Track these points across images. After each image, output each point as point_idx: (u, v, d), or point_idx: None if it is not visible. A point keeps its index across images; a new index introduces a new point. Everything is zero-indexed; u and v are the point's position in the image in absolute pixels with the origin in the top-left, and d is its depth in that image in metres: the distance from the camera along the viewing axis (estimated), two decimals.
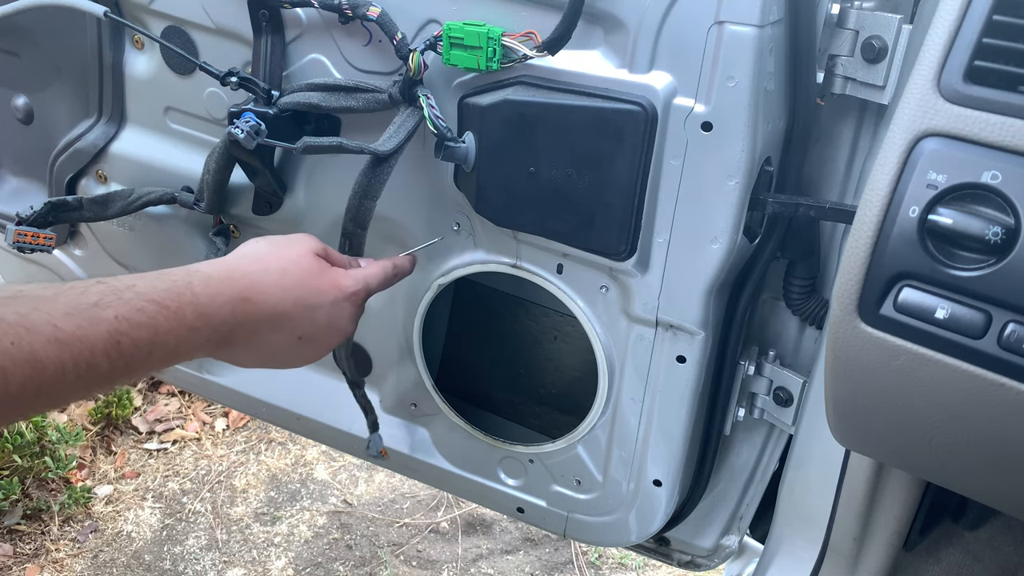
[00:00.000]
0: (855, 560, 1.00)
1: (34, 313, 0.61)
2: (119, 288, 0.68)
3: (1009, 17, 0.63)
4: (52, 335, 0.61)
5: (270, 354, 0.83)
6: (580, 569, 2.52)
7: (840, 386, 0.74)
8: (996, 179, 0.62)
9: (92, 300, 0.66)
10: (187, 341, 0.73)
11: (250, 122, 0.93)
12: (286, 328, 0.82)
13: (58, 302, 0.64)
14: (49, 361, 0.61)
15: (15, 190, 1.34)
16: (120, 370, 0.67)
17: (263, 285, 0.80)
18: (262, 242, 0.86)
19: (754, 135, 0.83)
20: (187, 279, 0.75)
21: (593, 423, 1.07)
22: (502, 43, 0.86)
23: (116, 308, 0.66)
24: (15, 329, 0.60)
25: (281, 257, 0.84)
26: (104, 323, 0.65)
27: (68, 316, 0.63)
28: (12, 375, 0.59)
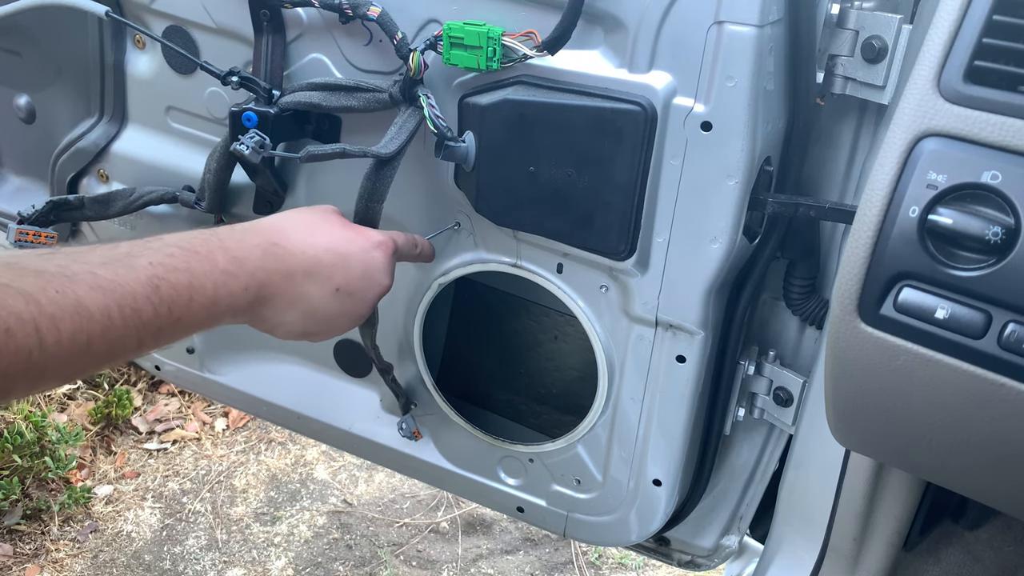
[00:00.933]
0: (855, 560, 1.00)
1: (73, 264, 0.62)
2: (148, 240, 0.70)
3: (1009, 17, 0.63)
4: (94, 282, 0.62)
5: (311, 309, 0.81)
6: (580, 569, 2.52)
7: (840, 386, 0.74)
8: (996, 179, 0.62)
9: (124, 251, 0.67)
10: (225, 286, 0.73)
11: (254, 137, 0.93)
12: (322, 276, 0.81)
13: (93, 253, 0.66)
14: (95, 307, 0.61)
15: (17, 189, 1.34)
16: (164, 316, 0.67)
17: (289, 232, 0.80)
18: (291, 211, 0.87)
19: (754, 135, 0.83)
20: (212, 230, 0.76)
21: (593, 423, 1.07)
22: (502, 43, 0.86)
23: (148, 255, 0.68)
24: (58, 278, 0.60)
25: (302, 213, 0.85)
26: (140, 269, 0.66)
27: (105, 265, 0.64)
28: (61, 321, 0.59)
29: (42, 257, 0.62)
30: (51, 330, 0.58)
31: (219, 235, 0.75)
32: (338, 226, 0.86)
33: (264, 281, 0.77)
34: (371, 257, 0.86)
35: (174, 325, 0.68)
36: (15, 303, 0.57)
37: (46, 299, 0.59)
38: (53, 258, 0.63)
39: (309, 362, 1.28)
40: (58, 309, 0.59)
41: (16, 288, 0.58)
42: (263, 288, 0.77)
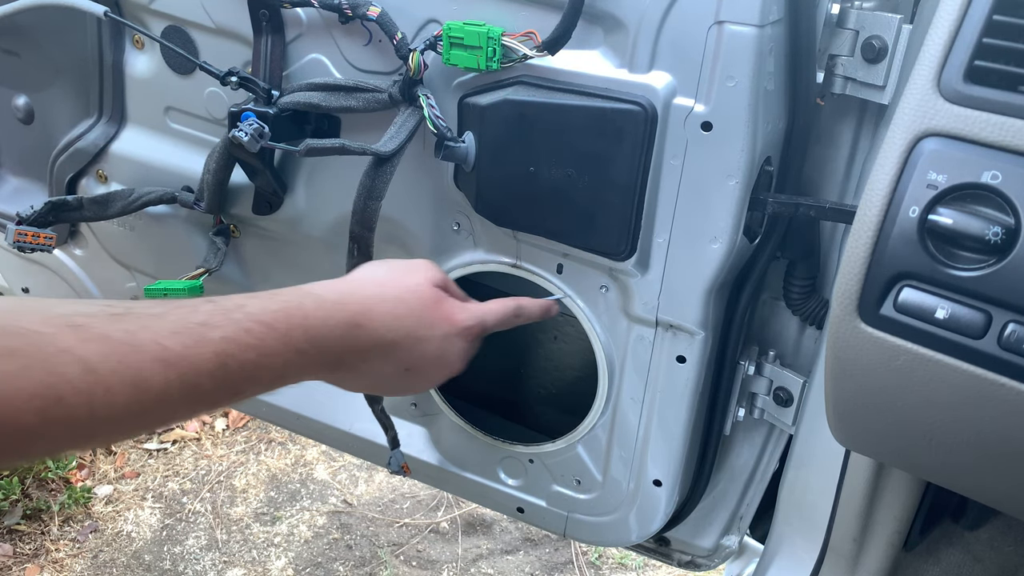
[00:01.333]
0: (855, 560, 1.00)
1: (141, 331, 0.60)
2: (228, 308, 0.67)
3: (1009, 17, 0.63)
4: (159, 354, 0.60)
5: (376, 382, 0.82)
6: (580, 569, 2.52)
7: (840, 386, 0.74)
8: (996, 179, 0.62)
9: (200, 319, 0.64)
10: (294, 364, 0.71)
11: (253, 124, 0.93)
12: (394, 358, 0.80)
13: (166, 320, 0.63)
14: (155, 380, 0.60)
15: (15, 190, 1.34)
16: (225, 391, 0.66)
17: (376, 312, 0.78)
18: (382, 266, 0.85)
19: (754, 135, 0.83)
20: (299, 300, 0.73)
21: (593, 423, 1.07)
22: (502, 43, 0.86)
23: (224, 328, 0.65)
24: (122, 347, 0.59)
25: (399, 284, 0.83)
26: (211, 343, 0.64)
27: (175, 335, 0.62)
28: (117, 394, 0.58)
29: (111, 319, 0.60)
30: (105, 401, 0.57)
31: (304, 309, 0.72)
32: (428, 305, 0.83)
33: (336, 360, 0.76)
34: (449, 343, 0.85)
35: (232, 398, 0.67)
36: (72, 372, 0.55)
37: (106, 369, 0.57)
38: (122, 321, 0.60)
39: None
40: (117, 381, 0.58)
41: (76, 355, 0.56)
42: (333, 363, 0.76)
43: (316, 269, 1.16)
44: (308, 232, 1.12)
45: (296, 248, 1.16)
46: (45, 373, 0.54)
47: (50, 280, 1.39)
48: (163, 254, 1.24)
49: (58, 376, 0.55)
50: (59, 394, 0.55)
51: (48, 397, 0.54)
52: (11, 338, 0.54)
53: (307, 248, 1.15)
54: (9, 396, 0.52)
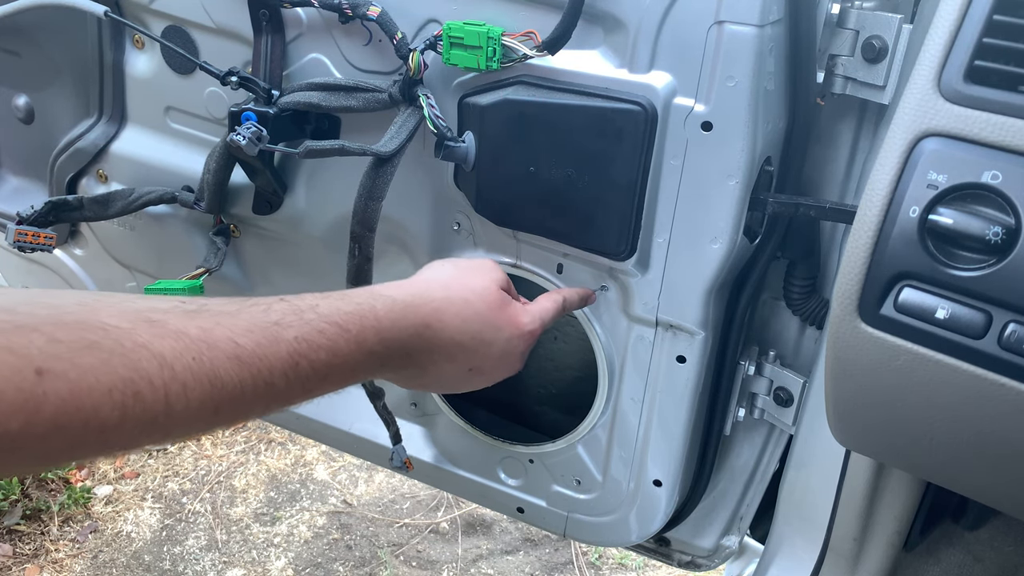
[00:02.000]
0: (855, 560, 1.00)
1: (216, 328, 0.61)
2: (301, 308, 0.68)
3: (1009, 17, 0.63)
4: (233, 352, 0.61)
5: (439, 381, 0.84)
6: (580, 569, 2.52)
7: (840, 386, 0.74)
8: (996, 179, 0.62)
9: (274, 319, 0.65)
10: (364, 364, 0.73)
11: (251, 128, 0.93)
12: (460, 359, 0.82)
13: (240, 318, 0.63)
14: (229, 378, 0.60)
15: (16, 189, 1.34)
16: (297, 390, 0.66)
17: (445, 314, 0.80)
18: (448, 265, 0.87)
19: (754, 135, 0.83)
20: (371, 302, 0.74)
21: (593, 423, 1.07)
22: (502, 43, 0.86)
23: (297, 328, 0.66)
24: (197, 344, 0.59)
25: (466, 286, 0.84)
26: (284, 343, 0.64)
27: (249, 333, 0.63)
28: (192, 390, 0.58)
29: (186, 315, 0.60)
30: (180, 397, 0.57)
31: (376, 312, 0.73)
32: (495, 308, 0.85)
33: (404, 359, 0.77)
34: (512, 345, 0.86)
35: (304, 396, 0.68)
36: (149, 367, 0.56)
37: (181, 366, 0.57)
38: (197, 318, 0.61)
39: None
40: (191, 377, 0.58)
41: (153, 351, 0.56)
42: (401, 362, 0.77)
43: (316, 269, 1.16)
44: (308, 232, 1.12)
45: (296, 248, 1.17)
46: (125, 368, 0.54)
47: (50, 280, 1.39)
48: (163, 254, 1.24)
49: (137, 371, 0.55)
50: (137, 389, 0.55)
51: (127, 392, 0.54)
52: (92, 331, 0.54)
53: (307, 248, 1.15)
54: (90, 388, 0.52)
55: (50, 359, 0.51)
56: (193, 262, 1.16)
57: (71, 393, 0.52)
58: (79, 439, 0.53)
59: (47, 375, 0.51)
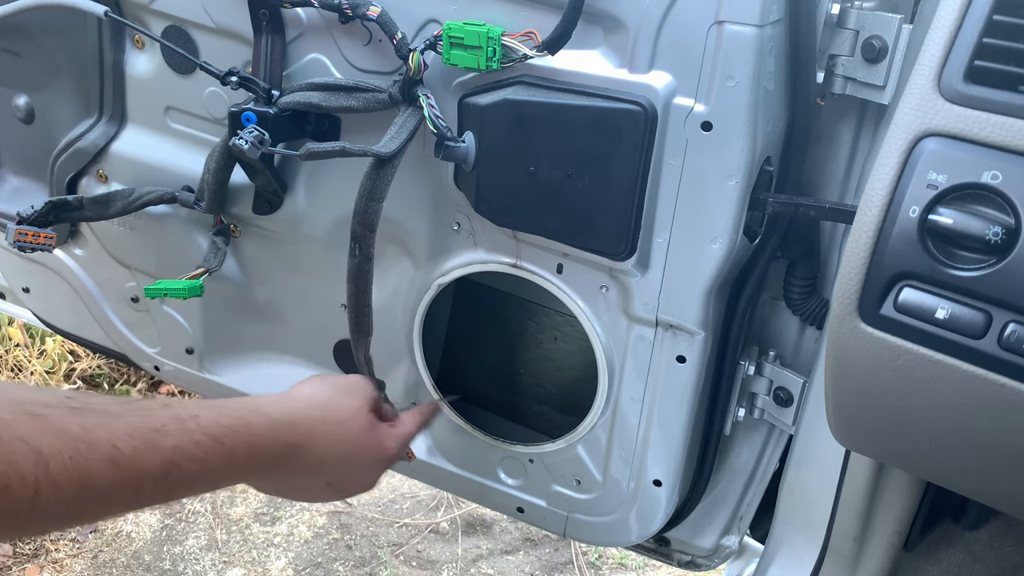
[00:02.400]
0: (855, 560, 1.00)
1: (97, 429, 0.62)
2: (183, 417, 0.70)
3: (1009, 17, 0.63)
4: (110, 455, 0.62)
5: (294, 491, 0.88)
6: (580, 569, 2.52)
7: (840, 386, 0.74)
8: (996, 179, 0.62)
9: (155, 425, 0.67)
10: (231, 476, 0.76)
11: (253, 132, 0.93)
12: (321, 475, 0.86)
13: (121, 421, 0.64)
14: (101, 480, 0.61)
15: (16, 189, 1.34)
16: (161, 495, 0.68)
17: (316, 434, 0.84)
18: (325, 385, 0.92)
19: (754, 135, 0.83)
20: (248, 419, 0.76)
21: (593, 423, 1.07)
22: (502, 43, 0.86)
23: (176, 437, 0.67)
24: (76, 443, 0.60)
25: (341, 406, 0.89)
26: (161, 451, 0.66)
27: (129, 438, 0.64)
28: (64, 490, 0.58)
29: (70, 411, 0.61)
30: (50, 495, 0.58)
31: (252, 427, 0.76)
32: (364, 432, 0.90)
33: (269, 471, 0.81)
34: (373, 469, 0.92)
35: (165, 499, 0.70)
36: (25, 462, 0.56)
37: (57, 464, 0.58)
38: (81, 415, 0.61)
39: (309, 362, 1.27)
40: (64, 476, 0.58)
41: (32, 446, 0.57)
42: (264, 473, 0.81)
43: (316, 269, 1.16)
44: (308, 232, 1.12)
45: (296, 248, 1.17)
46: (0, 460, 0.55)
47: (50, 280, 1.39)
48: (163, 254, 1.24)
49: (11, 465, 0.55)
50: (8, 484, 0.55)
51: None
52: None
53: (307, 248, 1.15)
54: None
55: None
56: (193, 262, 1.16)
57: None
58: None
59: None
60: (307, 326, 1.24)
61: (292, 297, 1.23)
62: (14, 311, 1.62)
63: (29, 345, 2.90)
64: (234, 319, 1.28)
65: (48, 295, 1.43)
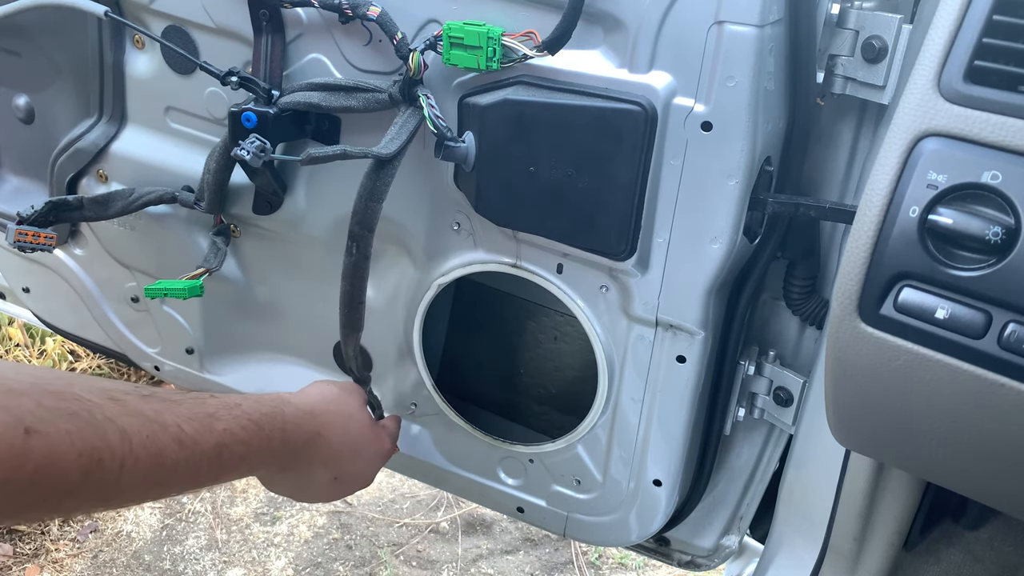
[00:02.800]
0: (855, 560, 1.00)
1: (166, 413, 0.71)
2: (229, 404, 0.79)
3: (1009, 17, 0.63)
4: (177, 435, 0.70)
5: (305, 487, 0.95)
6: (580, 569, 2.52)
7: (840, 386, 0.74)
8: (996, 179, 0.62)
9: (209, 411, 0.76)
10: (266, 461, 0.84)
11: (255, 142, 0.93)
12: (332, 467, 0.94)
13: (183, 407, 0.73)
14: (171, 458, 0.69)
15: (16, 189, 1.34)
16: (213, 477, 0.76)
17: (333, 426, 0.93)
18: (332, 386, 1.00)
19: (754, 135, 0.83)
20: (281, 408, 0.86)
21: (593, 423, 1.07)
22: (502, 43, 0.86)
23: (225, 422, 0.77)
24: (151, 424, 0.68)
25: (348, 403, 0.99)
26: (215, 434, 0.75)
27: (190, 421, 0.73)
28: (143, 464, 0.66)
29: (142, 398, 0.69)
30: (132, 468, 0.65)
31: (285, 414, 0.85)
32: (368, 426, 1.00)
33: (293, 461, 0.89)
34: (373, 463, 1.01)
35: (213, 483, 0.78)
36: (113, 439, 0.64)
37: (138, 441, 0.66)
38: (151, 401, 0.70)
39: (309, 362, 1.28)
40: (144, 453, 0.66)
41: (118, 425, 0.64)
42: (290, 462, 0.89)
43: (316, 269, 1.16)
44: (308, 232, 1.12)
45: (296, 248, 1.17)
46: (95, 436, 0.62)
47: (50, 280, 1.39)
48: (163, 254, 1.24)
49: (104, 440, 0.63)
50: (101, 457, 0.62)
51: (93, 457, 0.62)
52: (70, 401, 0.61)
53: (307, 248, 1.15)
54: (65, 451, 0.59)
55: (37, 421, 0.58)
56: (193, 262, 1.16)
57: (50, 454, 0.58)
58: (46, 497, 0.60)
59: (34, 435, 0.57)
60: (307, 326, 1.24)
61: (292, 297, 1.23)
62: (14, 311, 1.62)
63: (29, 345, 2.90)
64: (234, 319, 1.28)
65: (48, 295, 1.43)
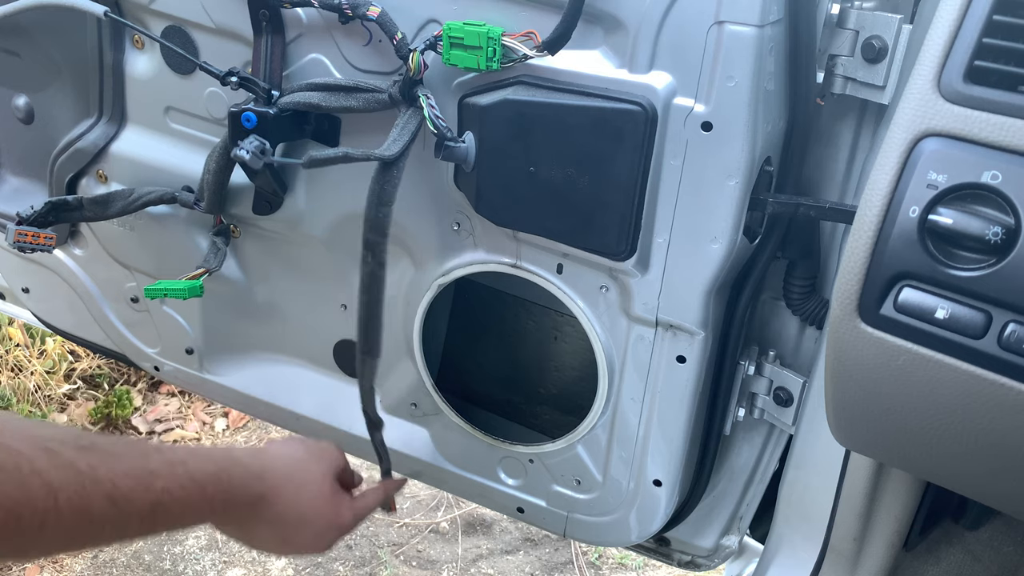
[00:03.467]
0: (855, 560, 1.00)
1: (101, 467, 0.67)
2: (173, 462, 0.76)
3: (1009, 17, 0.63)
4: (110, 492, 0.67)
5: (252, 539, 0.93)
6: (580, 569, 2.52)
7: (840, 386, 0.74)
8: (996, 179, 0.62)
9: (151, 467, 0.73)
10: (204, 519, 0.82)
11: (254, 142, 0.93)
12: (278, 530, 0.92)
13: (122, 461, 0.70)
14: (99, 515, 0.66)
15: (16, 190, 1.34)
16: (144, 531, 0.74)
17: (283, 492, 0.91)
18: (300, 448, 0.97)
19: (754, 135, 0.83)
20: (229, 467, 0.84)
21: (593, 423, 1.07)
22: (502, 43, 0.86)
23: (167, 480, 0.74)
24: (82, 479, 0.65)
25: (308, 469, 0.95)
26: (152, 492, 0.72)
27: (127, 476, 0.69)
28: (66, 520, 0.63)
29: (79, 450, 0.66)
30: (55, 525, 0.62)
31: (231, 476, 0.83)
32: (325, 499, 0.96)
33: (237, 518, 0.88)
34: (325, 536, 0.97)
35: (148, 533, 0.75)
36: (37, 495, 0.61)
37: (64, 497, 0.63)
38: (88, 454, 0.67)
39: (309, 363, 1.28)
40: (69, 509, 0.63)
41: (45, 480, 0.61)
42: (232, 520, 0.88)
43: (316, 269, 1.16)
44: (308, 232, 1.12)
45: (296, 248, 1.17)
46: (17, 491, 0.59)
47: (50, 280, 1.39)
48: (163, 254, 1.24)
49: (25, 496, 0.60)
50: (20, 512, 0.60)
51: (12, 512, 0.59)
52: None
53: (307, 248, 1.15)
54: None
55: None
56: (193, 262, 1.16)
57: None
58: None
59: None
60: (307, 326, 1.24)
61: (292, 297, 1.23)
62: (14, 311, 1.62)
63: (29, 345, 2.90)
64: (234, 319, 1.28)
65: (48, 295, 1.43)
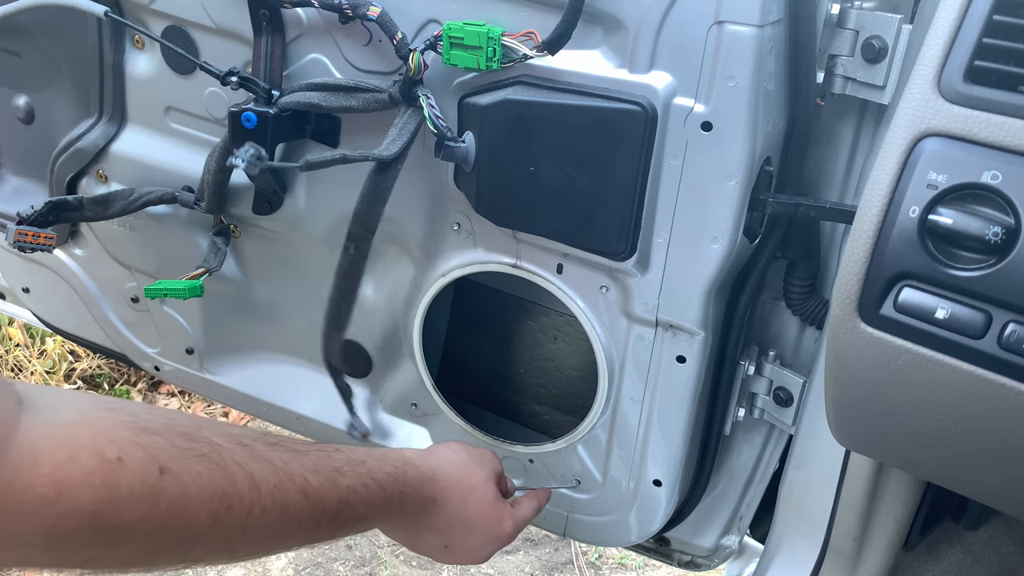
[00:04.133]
0: (855, 560, 1.00)
1: (293, 463, 0.68)
2: (354, 460, 0.76)
3: (1009, 17, 0.63)
4: (303, 487, 0.68)
5: (417, 543, 0.93)
6: (580, 569, 2.52)
7: (840, 386, 0.74)
8: (996, 179, 0.62)
9: (335, 465, 0.73)
10: (381, 520, 0.83)
11: (249, 150, 0.93)
12: (444, 536, 0.91)
13: (308, 458, 0.70)
14: (295, 509, 0.67)
15: (16, 189, 1.34)
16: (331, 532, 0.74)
17: (451, 495, 0.90)
18: (463, 452, 0.96)
19: (754, 135, 0.83)
20: (404, 468, 0.83)
21: (593, 423, 1.07)
22: (502, 43, 0.86)
23: (350, 479, 0.74)
24: (279, 474, 0.65)
25: (474, 473, 0.94)
26: (339, 490, 0.72)
27: (316, 473, 0.70)
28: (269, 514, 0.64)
29: (270, 447, 0.67)
30: (260, 518, 0.63)
31: (407, 477, 0.83)
32: (490, 503, 0.94)
33: (408, 519, 0.87)
34: (488, 544, 0.95)
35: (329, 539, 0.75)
36: (243, 485, 0.62)
37: (266, 489, 0.63)
38: (278, 449, 0.67)
39: (309, 363, 1.28)
40: (271, 502, 0.64)
41: (248, 471, 0.62)
42: (403, 521, 0.87)
43: (316, 269, 1.16)
44: (308, 232, 1.12)
45: (296, 248, 1.17)
46: (225, 481, 0.60)
47: (50, 280, 1.39)
48: (163, 254, 1.24)
49: (233, 486, 0.61)
50: (230, 503, 0.60)
51: (223, 503, 0.59)
52: (202, 444, 0.59)
53: (307, 248, 1.15)
54: (196, 494, 0.57)
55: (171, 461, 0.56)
56: (193, 262, 1.16)
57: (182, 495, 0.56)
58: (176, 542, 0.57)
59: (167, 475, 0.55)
60: (307, 326, 1.23)
61: (292, 297, 1.23)
62: (14, 311, 1.62)
63: (29, 345, 2.90)
64: (234, 319, 1.28)
65: (48, 295, 1.43)
